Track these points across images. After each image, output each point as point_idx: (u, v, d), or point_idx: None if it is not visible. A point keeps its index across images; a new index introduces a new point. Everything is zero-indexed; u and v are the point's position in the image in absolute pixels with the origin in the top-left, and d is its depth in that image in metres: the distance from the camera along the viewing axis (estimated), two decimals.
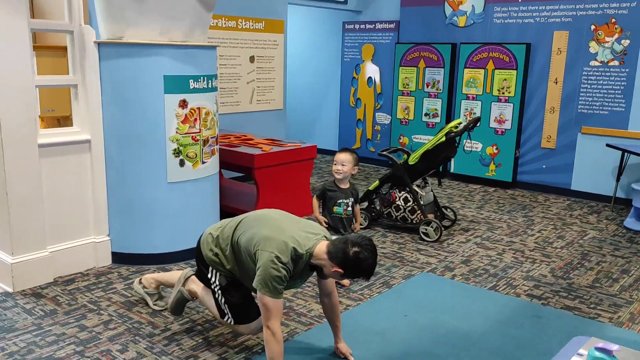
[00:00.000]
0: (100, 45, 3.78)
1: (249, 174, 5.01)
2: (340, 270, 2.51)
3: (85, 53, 3.76)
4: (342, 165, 3.64)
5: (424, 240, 4.73)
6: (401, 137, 7.52)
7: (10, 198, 3.49)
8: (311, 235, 2.63)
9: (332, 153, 8.48)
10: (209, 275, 2.86)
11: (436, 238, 4.69)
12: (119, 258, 4.06)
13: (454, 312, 3.43)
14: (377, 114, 7.87)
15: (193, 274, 3.09)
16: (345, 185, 3.70)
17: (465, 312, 3.44)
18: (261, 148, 5.02)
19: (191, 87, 3.92)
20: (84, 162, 3.87)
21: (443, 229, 4.82)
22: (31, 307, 3.37)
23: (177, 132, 3.90)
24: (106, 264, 4.05)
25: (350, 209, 3.67)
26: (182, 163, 3.97)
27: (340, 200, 3.68)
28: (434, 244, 4.66)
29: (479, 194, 6.46)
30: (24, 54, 3.44)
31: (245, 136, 5.64)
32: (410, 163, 4.78)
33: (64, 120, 4.82)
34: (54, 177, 3.73)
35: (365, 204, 5.20)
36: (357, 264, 2.50)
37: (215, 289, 2.85)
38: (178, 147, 3.92)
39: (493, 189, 6.71)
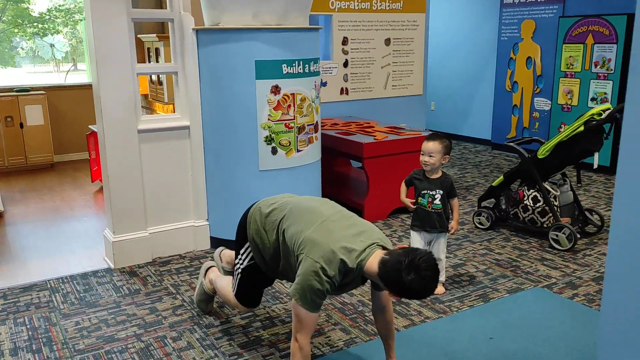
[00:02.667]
0: (198, 32, 3.81)
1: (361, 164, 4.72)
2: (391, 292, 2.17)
3: (184, 40, 3.83)
4: (430, 156, 3.15)
5: (554, 248, 4.01)
6: (562, 125, 6.55)
7: (110, 180, 3.71)
8: (363, 244, 2.23)
9: (485, 142, 7.78)
10: (242, 251, 2.67)
11: (569, 247, 3.94)
12: (216, 243, 4.10)
13: (555, 341, 2.80)
14: (535, 99, 6.96)
15: (213, 266, 3.06)
16: (434, 175, 3.24)
17: (571, 342, 2.79)
18: (375, 136, 4.70)
19: (284, 72, 3.77)
20: (183, 148, 3.97)
21: (579, 236, 4.04)
22: (121, 284, 3.55)
23: (269, 119, 3.79)
24: (205, 248, 4.13)
25: (438, 202, 3.20)
26: (274, 151, 3.85)
27: (425, 192, 3.22)
28: (565, 254, 3.91)
29: None
30: (125, 43, 3.60)
31: (368, 123, 5.35)
32: (539, 156, 4.06)
33: None
34: (155, 162, 3.87)
35: (491, 202, 4.60)
36: (412, 293, 2.13)
37: (238, 266, 2.70)
38: (270, 135, 3.81)
39: None
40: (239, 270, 2.69)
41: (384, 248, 2.26)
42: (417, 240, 3.30)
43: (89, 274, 3.72)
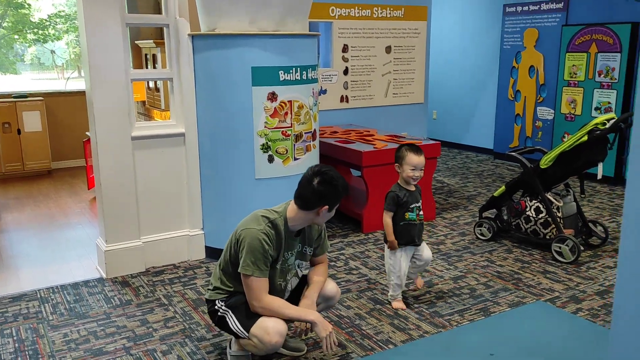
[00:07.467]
0: (193, 37, 3.75)
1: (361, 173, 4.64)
2: (324, 209, 2.43)
3: (180, 46, 3.76)
4: (421, 170, 3.15)
5: (557, 260, 3.91)
6: (565, 135, 6.46)
7: (103, 188, 3.63)
8: (279, 207, 2.54)
9: (487, 152, 7.70)
10: (216, 307, 2.56)
11: (572, 259, 3.84)
12: (211, 253, 4.02)
13: (558, 358, 2.70)
14: (538, 108, 6.87)
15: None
16: (413, 188, 3.23)
17: (574, 359, 2.69)
18: (374, 144, 4.62)
19: (281, 79, 3.69)
20: (179, 155, 3.89)
21: (582, 248, 3.94)
22: (112, 295, 3.46)
23: (265, 127, 3.71)
24: (200, 257, 4.04)
25: (422, 212, 3.23)
26: (271, 159, 3.77)
27: (413, 205, 3.18)
28: (568, 267, 3.82)
29: None
30: (119, 49, 3.53)
31: (368, 132, 5.27)
32: (542, 166, 3.97)
33: None
34: (149, 169, 3.80)
35: (493, 213, 4.51)
36: (332, 191, 2.41)
37: (222, 310, 2.54)
38: (266, 142, 3.73)
39: None
40: (224, 309, 2.53)
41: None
42: (403, 259, 3.20)
43: (80, 283, 3.63)
